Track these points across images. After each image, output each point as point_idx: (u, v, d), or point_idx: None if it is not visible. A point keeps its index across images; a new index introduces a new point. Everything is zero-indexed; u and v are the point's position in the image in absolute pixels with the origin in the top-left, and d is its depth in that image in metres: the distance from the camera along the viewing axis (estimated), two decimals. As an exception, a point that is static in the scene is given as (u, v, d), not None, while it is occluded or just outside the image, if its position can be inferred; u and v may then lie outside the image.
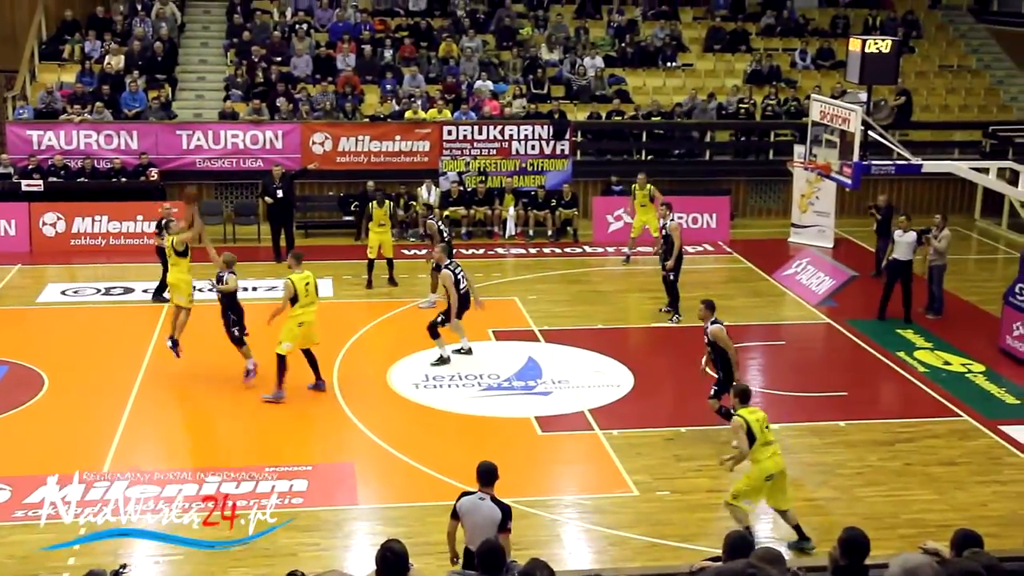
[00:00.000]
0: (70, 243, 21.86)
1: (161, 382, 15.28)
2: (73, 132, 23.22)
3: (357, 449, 13.27)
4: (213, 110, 24.86)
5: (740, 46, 28.14)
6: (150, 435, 13.41)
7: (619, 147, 25.64)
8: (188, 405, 14.51)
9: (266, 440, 13.35)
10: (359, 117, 24.67)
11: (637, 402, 14.78)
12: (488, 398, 14.76)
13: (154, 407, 14.43)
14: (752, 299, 19.56)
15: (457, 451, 13.08)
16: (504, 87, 25.96)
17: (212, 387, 15.10)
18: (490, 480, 8.78)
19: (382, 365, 15.88)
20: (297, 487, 12.11)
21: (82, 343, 16.76)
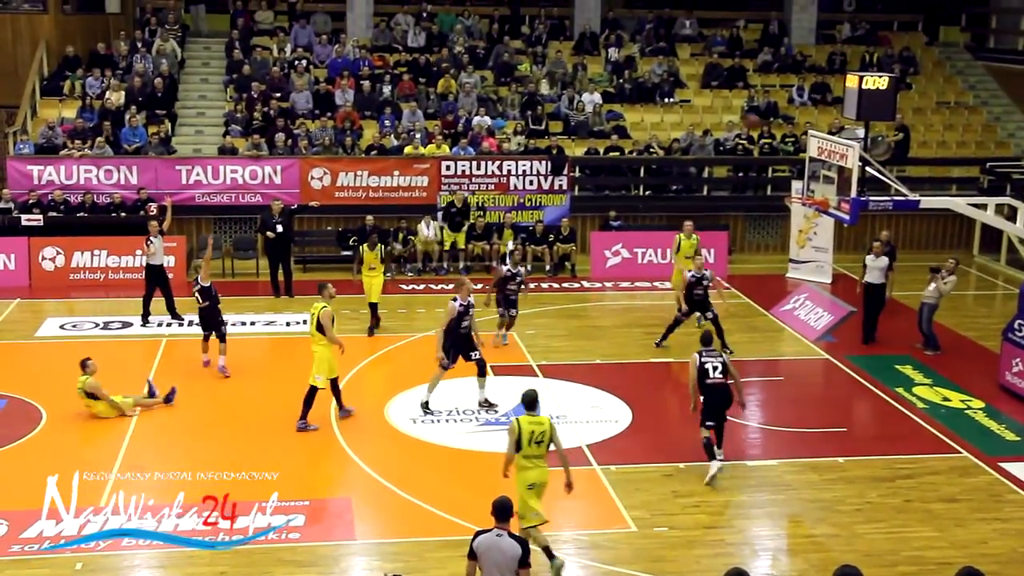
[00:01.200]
0: (69, 277, 21.91)
1: (158, 417, 15.26)
2: (73, 167, 23.32)
3: (354, 484, 13.24)
4: (212, 145, 24.99)
5: (737, 82, 28.32)
6: (147, 470, 13.35)
7: (617, 182, 25.75)
8: (185, 441, 14.47)
9: (263, 476, 13.29)
10: (358, 152, 24.79)
11: (635, 437, 14.76)
12: (486, 433, 14.73)
13: (151, 442, 14.40)
14: (750, 334, 19.56)
15: (455, 486, 13.04)
16: (502, 123, 26.11)
17: (209, 423, 15.07)
18: (506, 516, 8.75)
19: (380, 400, 15.85)
20: (294, 522, 12.07)
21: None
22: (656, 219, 25.30)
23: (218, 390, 16.26)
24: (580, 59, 28.29)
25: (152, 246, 19.31)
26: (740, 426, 15.26)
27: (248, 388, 16.44)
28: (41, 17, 26.62)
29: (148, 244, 19.38)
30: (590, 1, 29.47)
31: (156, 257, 19.37)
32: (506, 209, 24.31)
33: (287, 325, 19.74)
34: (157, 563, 11.32)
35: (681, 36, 30.06)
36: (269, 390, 16.30)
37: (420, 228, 23.27)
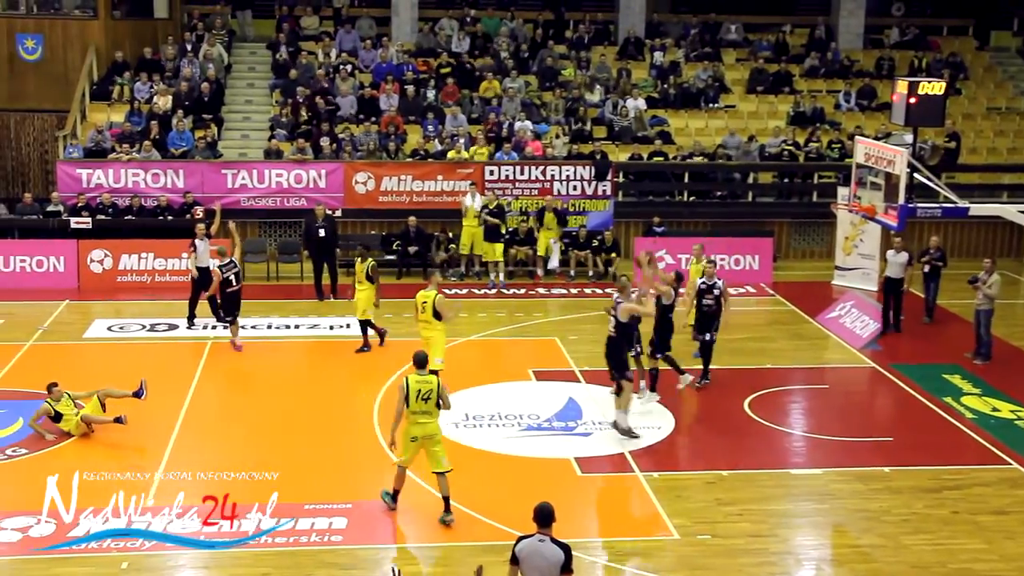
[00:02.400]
0: (117, 280, 22.17)
1: (203, 418, 15.41)
2: (121, 171, 23.62)
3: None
4: (258, 149, 25.20)
5: (783, 88, 28.14)
6: (191, 471, 13.47)
7: (661, 188, 25.68)
8: (229, 442, 14.59)
9: (305, 477, 13.38)
10: (402, 157, 24.89)
11: (678, 444, 14.70)
12: (528, 438, 14.73)
13: (196, 443, 14.53)
14: (795, 342, 19.43)
15: (497, 491, 13.04)
16: (546, 127, 26.11)
17: (253, 423, 15.19)
18: (548, 521, 8.71)
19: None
20: (336, 524, 12.12)
21: (127, 378, 16.89)
22: (701, 225, 25.19)
23: (266, 393, 16.38)
24: (624, 64, 28.24)
25: (197, 249, 19.50)
26: (784, 434, 15.17)
27: (294, 391, 16.54)
28: (91, 23, 26.99)
29: (192, 247, 19.54)
30: (635, 5, 29.41)
31: (202, 260, 19.53)
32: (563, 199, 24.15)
33: (331, 329, 19.85)
34: (202, 563, 11.42)
35: (726, 41, 29.91)
36: (315, 393, 16.39)
37: (464, 201, 23.08)
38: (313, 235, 21.98)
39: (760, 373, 17.50)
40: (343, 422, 15.19)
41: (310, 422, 15.17)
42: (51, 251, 22.22)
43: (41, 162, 27.06)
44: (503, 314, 20.42)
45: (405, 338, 19.17)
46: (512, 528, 8.82)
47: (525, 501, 8.89)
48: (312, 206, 22.90)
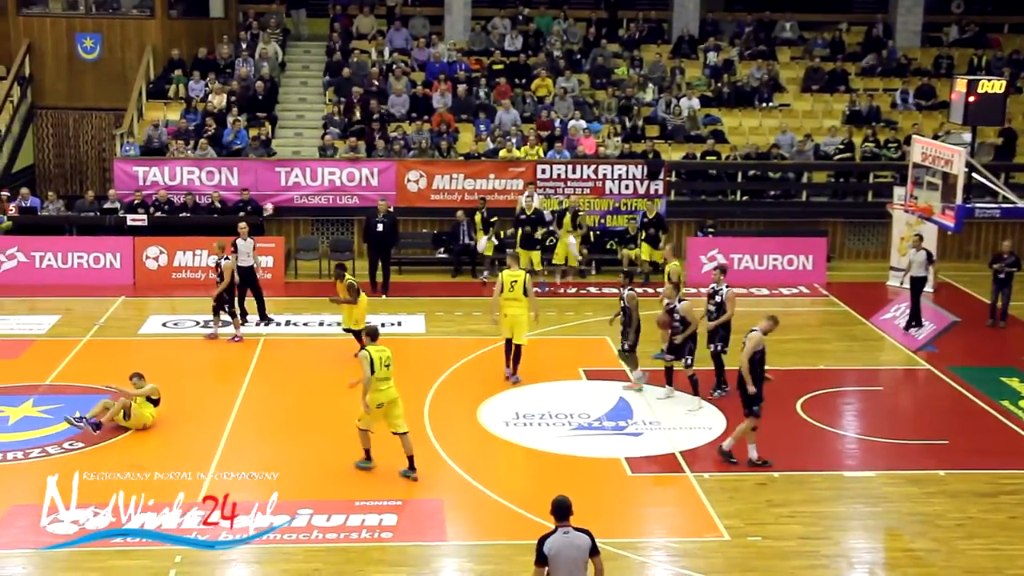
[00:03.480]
0: (171, 276, 22.48)
1: (256, 414, 15.58)
2: (177, 168, 23.93)
3: (446, 486, 13.34)
4: (311, 147, 25.41)
5: (839, 86, 27.87)
6: (244, 466, 13.65)
7: (713, 188, 25.54)
8: (281, 438, 14.73)
9: (357, 474, 13.49)
10: (454, 155, 24.98)
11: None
12: (578, 437, 14.74)
13: (249, 438, 14.70)
14: (848, 343, 19.27)
15: (546, 490, 12.92)
16: (598, 126, 26.07)
17: (305, 421, 15.33)
18: (567, 513, 8.75)
19: (472, 402, 15.96)
20: (387, 522, 12.21)
21: (181, 374, 17.16)
22: (754, 225, 25.04)
23: (316, 390, 16.51)
24: (678, 62, 28.11)
25: (238, 249, 19.47)
26: (837, 436, 15.06)
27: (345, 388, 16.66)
28: (149, 22, 27.38)
29: (232, 247, 19.44)
30: (688, 4, 29.28)
31: (244, 259, 19.56)
32: (601, 213, 24.18)
33: (381, 326, 19.87)
34: (254, 558, 11.55)
35: (781, 39, 29.68)
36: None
37: (521, 201, 23.01)
38: (371, 229, 22.12)
39: (813, 374, 17.37)
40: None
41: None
42: (107, 248, 22.56)
43: (99, 160, 27.50)
44: (553, 313, 20.43)
45: (456, 336, 19.29)
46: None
47: (575, 501, 8.90)
48: (365, 204, 23.03)
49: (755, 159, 25.48)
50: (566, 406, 15.80)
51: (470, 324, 20.06)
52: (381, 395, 13.08)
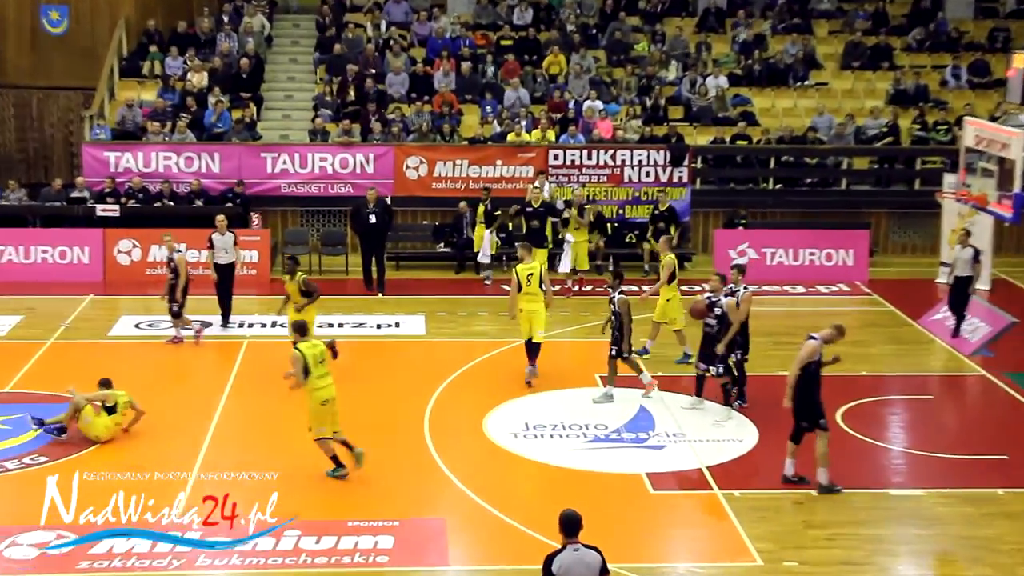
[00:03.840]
0: (146, 272, 22.43)
1: (238, 423, 15.49)
2: (152, 154, 23.88)
3: (449, 504, 13.24)
4: (301, 131, 25.34)
5: (882, 63, 27.73)
6: (225, 481, 13.54)
7: (744, 175, 25.43)
8: (265, 449, 14.63)
9: (349, 491, 13.38)
10: (457, 139, 24.87)
11: (762, 460, 14.49)
12: (594, 451, 14.63)
13: (230, 450, 14.61)
14: (894, 347, 19.17)
15: (558, 509, 12.87)
16: (616, 108, 25.96)
17: (290, 431, 15.21)
18: (577, 529, 8.70)
19: (478, 411, 15.85)
20: (382, 544, 12.09)
21: (156, 380, 17.08)
22: (788, 217, 24.91)
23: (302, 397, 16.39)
24: (704, 38, 28.02)
25: (214, 245, 19.43)
26: (882, 450, 14.94)
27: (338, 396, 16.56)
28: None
29: (208, 242, 19.49)
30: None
31: (222, 255, 19.49)
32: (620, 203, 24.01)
33: (378, 328, 19.88)
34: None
35: (818, 11, 29.56)
36: (360, 399, 16.41)
37: (530, 190, 22.70)
38: (363, 221, 22.02)
39: (855, 381, 17.24)
40: (390, 431, 15.18)
41: (354, 431, 15.15)
42: (75, 241, 22.51)
43: (65, 144, 27.50)
44: (567, 313, 20.33)
45: (460, 338, 19.18)
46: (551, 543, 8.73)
47: (591, 521, 8.79)
48: (359, 193, 22.96)
49: (789, 143, 25.38)
50: (581, 416, 15.69)
51: (475, 325, 19.94)
52: (324, 392, 13.38)
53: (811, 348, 13.39)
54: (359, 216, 22.24)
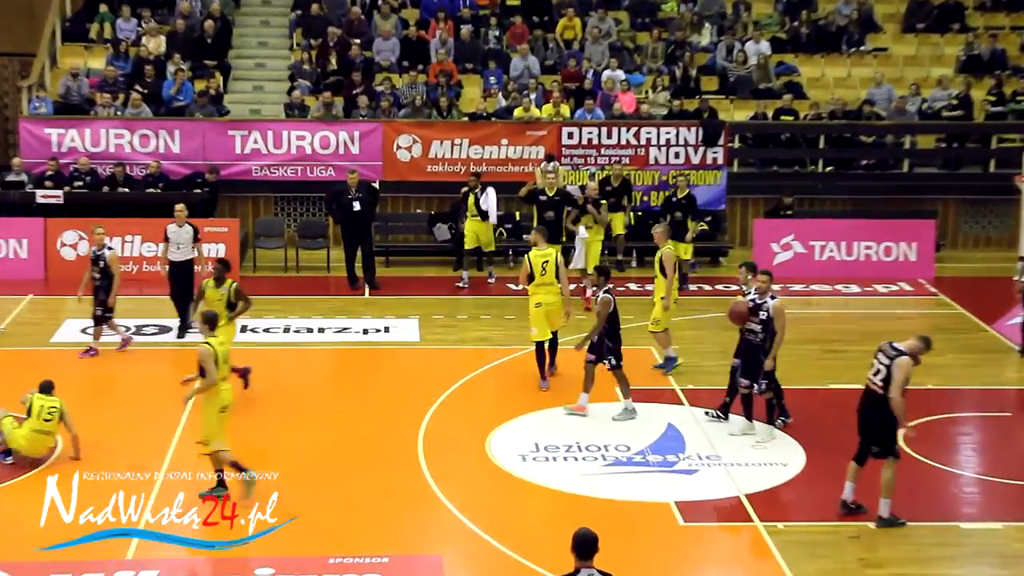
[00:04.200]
0: (94, 269, 22.42)
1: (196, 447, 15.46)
2: (101, 131, 23.95)
3: (446, 537, 13.26)
4: (275, 105, 25.38)
5: (952, 24, 27.74)
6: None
7: (788, 156, 25.43)
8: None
9: (330, 522, 13.39)
10: (456, 115, 24.90)
11: (810, 487, 14.49)
12: (615, 475, 14.64)
13: (194, 477, 14.60)
14: (964, 355, 19.17)
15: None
16: (641, 78, 26.00)
17: (263, 453, 15.24)
18: (592, 552, 8.76)
19: (480, 429, 15.86)
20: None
21: (106, 395, 17.10)
22: (842, 205, 24.91)
23: (284, 416, 16.43)
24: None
25: (170, 239, 19.27)
26: (951, 476, 14.92)
27: (318, 413, 16.60)
28: (64, -58, 27.36)
29: (164, 236, 19.34)
30: (757, -79, 29.19)
31: (177, 251, 19.30)
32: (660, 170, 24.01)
33: (364, 333, 19.90)
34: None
35: (877, -36, 29.59)
36: (343, 416, 16.45)
37: (537, 175, 22.51)
38: (345, 208, 22.07)
39: (918, 396, 17.05)
40: (379, 452, 15.18)
41: (337, 453, 15.18)
42: (11, 232, 22.55)
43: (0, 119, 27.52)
44: (582, 317, 20.27)
45: (459, 345, 19.18)
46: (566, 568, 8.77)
47: (611, 557, 8.80)
48: (342, 177, 22.97)
49: (842, 119, 25.34)
50: (599, 435, 15.68)
51: (477, 330, 19.98)
52: (225, 396, 13.66)
53: (908, 367, 13.29)
54: (339, 202, 22.24)
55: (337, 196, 22.40)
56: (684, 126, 24.59)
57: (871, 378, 13.32)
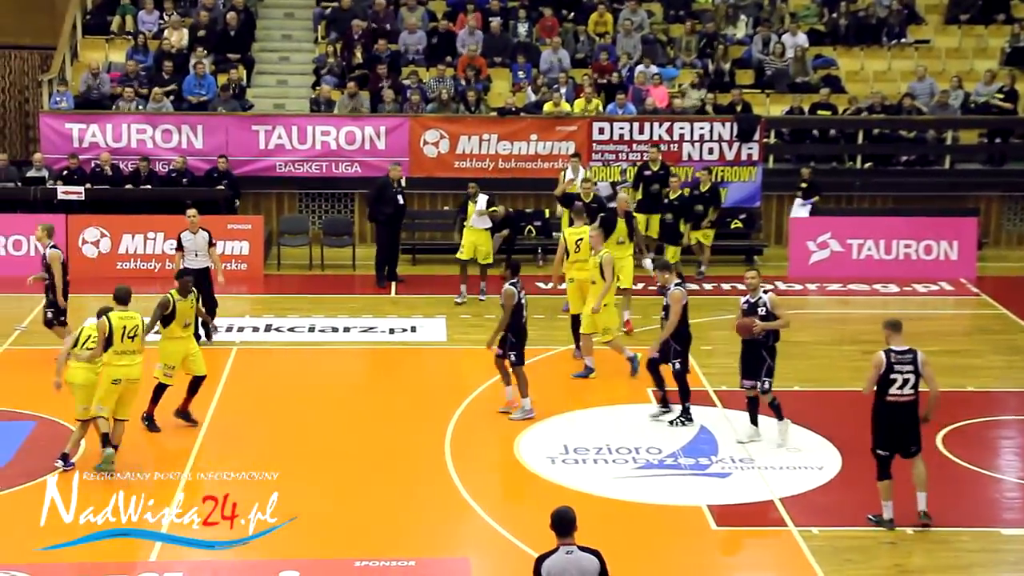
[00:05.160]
0: (116, 266, 22.68)
1: (224, 445, 15.58)
2: (123, 126, 24.11)
3: (474, 540, 13.34)
4: (299, 100, 25.50)
5: (997, 15, 27.63)
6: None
7: (826, 152, 25.40)
8: (255, 476, 14.76)
9: (356, 524, 13.49)
10: (484, 110, 24.98)
11: (846, 490, 14.50)
12: (646, 479, 14.68)
13: (215, 474, 14.73)
14: (1008, 357, 19.18)
15: (604, 547, 12.98)
16: (674, 72, 26.00)
17: (287, 454, 15.38)
18: (570, 528, 9.08)
19: (510, 430, 15.97)
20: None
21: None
22: (882, 201, 24.88)
23: (307, 416, 16.55)
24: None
25: (184, 247, 18.70)
26: (992, 480, 14.90)
27: (343, 413, 16.74)
28: (86, -66, 27.55)
29: (178, 245, 18.85)
30: (794, -92, 29.18)
31: (194, 259, 18.68)
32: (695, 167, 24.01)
33: (391, 333, 20.00)
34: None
35: (918, -47, 29.52)
36: (369, 417, 16.55)
37: (563, 176, 22.50)
38: (390, 202, 22.11)
39: (959, 398, 17.19)
40: (405, 454, 15.28)
41: (363, 453, 15.30)
42: (32, 229, 22.58)
43: (20, 114, 27.77)
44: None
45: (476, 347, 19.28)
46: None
47: (641, 561, 8.90)
48: (368, 173, 23.05)
49: (882, 114, 25.30)
50: (630, 437, 15.75)
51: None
52: (120, 370, 14.23)
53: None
54: (384, 196, 22.19)
55: (382, 190, 22.31)
56: (718, 121, 24.61)
57: (898, 392, 13.11)
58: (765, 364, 15.34)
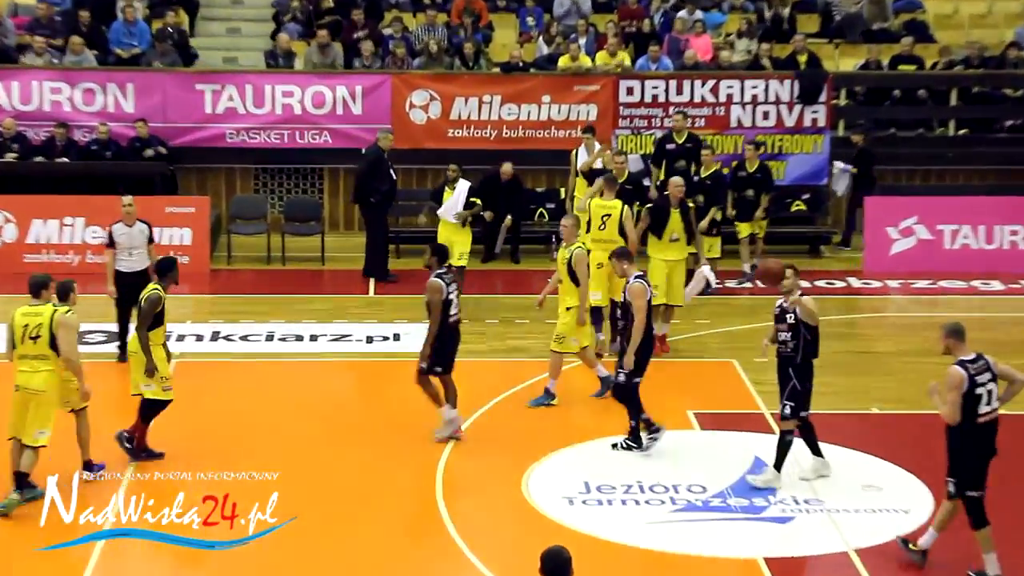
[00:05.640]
0: (24, 258, 22.67)
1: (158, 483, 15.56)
2: (32, 83, 24.06)
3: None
4: (255, 52, 25.45)
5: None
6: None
7: (910, 115, 25.35)
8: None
9: (321, 567, 13.48)
10: (485, 66, 24.91)
11: (940, 539, 14.38)
12: (688, 524, 14.63)
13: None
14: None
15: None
16: (720, 18, 25.96)
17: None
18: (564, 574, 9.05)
19: (517, 462, 15.89)
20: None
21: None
22: (972, 176, 24.82)
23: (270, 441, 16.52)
24: (851, -90, 28.03)
25: (117, 242, 18.33)
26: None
27: (312, 439, 16.68)
28: None
29: (109, 240, 18.52)
30: None
31: (130, 258, 18.36)
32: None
33: (368, 342, 19.94)
34: None
35: None
36: (345, 444, 16.57)
37: (573, 158, 22.65)
38: (385, 178, 22.21)
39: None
40: (387, 491, 15.27)
41: (336, 491, 15.22)
42: (-78, 213, 22.69)
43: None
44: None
45: (489, 357, 19.22)
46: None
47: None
48: (340, 144, 23.06)
49: (980, 68, 25.22)
50: (667, 472, 15.73)
51: (510, 337, 20.02)
52: (20, 376, 14.56)
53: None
54: (379, 173, 22.28)
55: (376, 164, 22.33)
56: (775, 78, 24.56)
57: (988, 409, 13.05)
58: (790, 384, 15.18)
